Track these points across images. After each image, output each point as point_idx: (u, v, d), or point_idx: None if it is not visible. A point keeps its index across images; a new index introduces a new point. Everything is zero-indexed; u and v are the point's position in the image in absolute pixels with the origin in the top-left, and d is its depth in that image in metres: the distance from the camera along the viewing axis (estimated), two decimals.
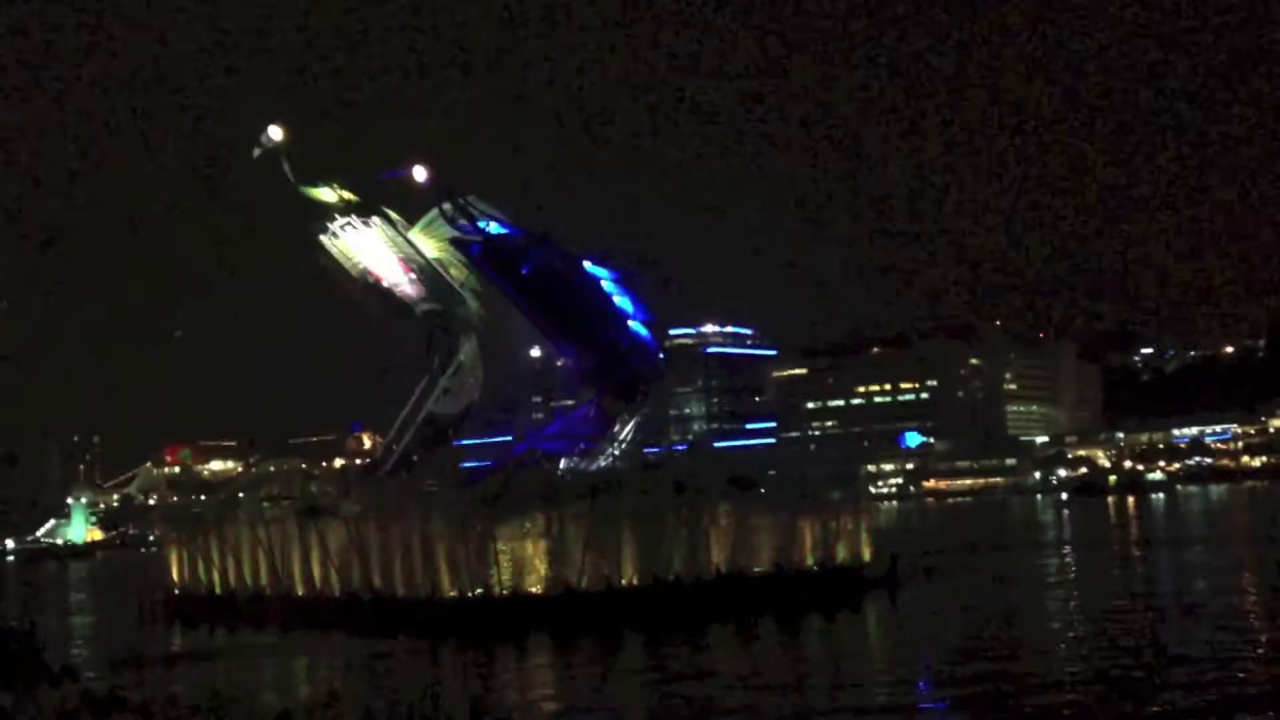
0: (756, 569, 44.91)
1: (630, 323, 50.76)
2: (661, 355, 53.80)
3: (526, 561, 41.87)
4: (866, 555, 47.97)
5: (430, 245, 51.47)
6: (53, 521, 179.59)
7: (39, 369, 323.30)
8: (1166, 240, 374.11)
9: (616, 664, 35.45)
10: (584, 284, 50.18)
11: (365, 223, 50.34)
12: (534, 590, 41.88)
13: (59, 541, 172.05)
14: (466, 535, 41.55)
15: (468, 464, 63.10)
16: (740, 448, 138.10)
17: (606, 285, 50.54)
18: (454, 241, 50.42)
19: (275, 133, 48.85)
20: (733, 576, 44.01)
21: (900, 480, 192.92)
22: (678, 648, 36.98)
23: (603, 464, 48.49)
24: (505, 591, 41.66)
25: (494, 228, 49.72)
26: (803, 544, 45.98)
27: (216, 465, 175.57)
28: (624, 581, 42.54)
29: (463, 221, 49.32)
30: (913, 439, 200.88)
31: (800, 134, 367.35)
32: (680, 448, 49.61)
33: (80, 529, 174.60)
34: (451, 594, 42.13)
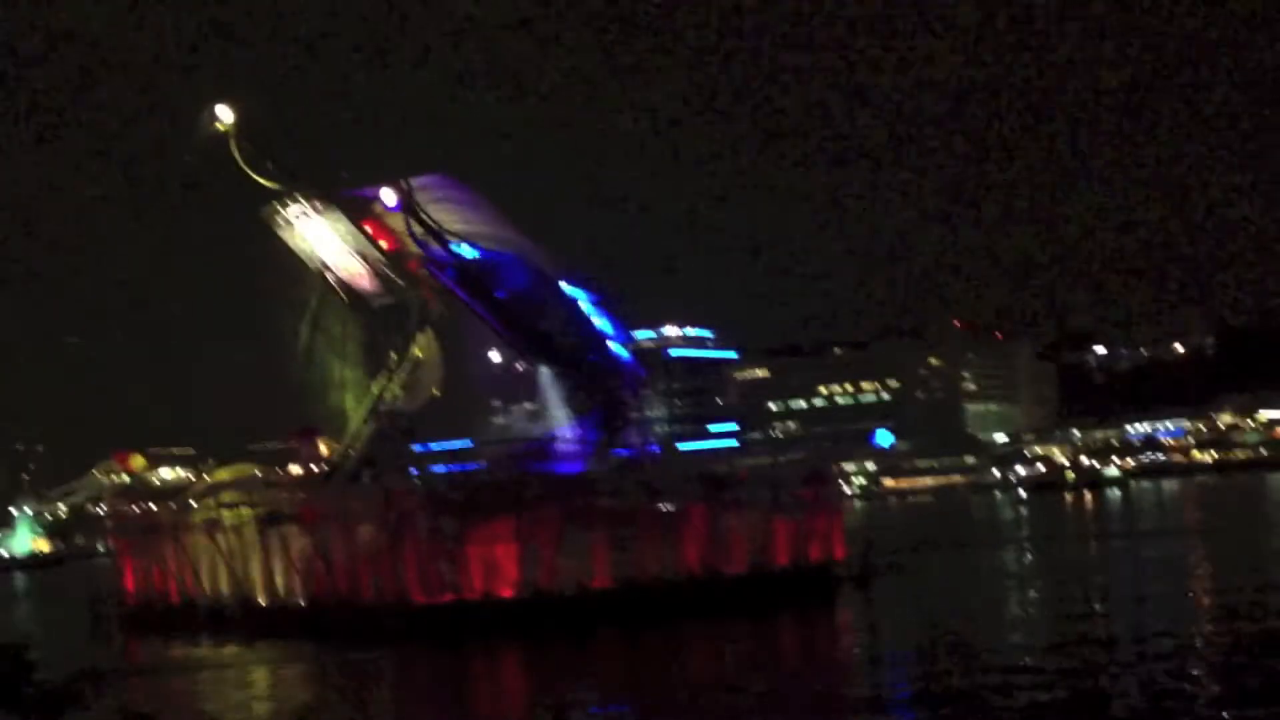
0: (730, 569, 44.34)
1: (609, 344, 49.74)
2: (642, 375, 52.80)
3: (497, 565, 40.94)
4: (839, 554, 47.60)
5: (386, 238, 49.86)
6: None
7: None
8: (1115, 240, 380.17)
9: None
10: (562, 306, 49.01)
11: (319, 211, 48.38)
12: (505, 594, 40.96)
13: (2, 553, 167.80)
14: (436, 540, 40.56)
15: (437, 468, 61.92)
16: (703, 450, 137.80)
17: (584, 307, 49.43)
18: (426, 262, 48.53)
19: (223, 113, 46.76)
20: (707, 577, 43.41)
21: (863, 480, 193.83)
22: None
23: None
24: (476, 596, 40.73)
25: (467, 250, 48.06)
26: (776, 543, 45.48)
27: (167, 473, 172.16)
28: (596, 584, 41.78)
29: (434, 246, 47.58)
30: (884, 438, 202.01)
31: (756, 132, 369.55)
32: (653, 448, 48.76)
33: (25, 540, 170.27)
34: (421, 600, 41.12)
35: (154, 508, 57.49)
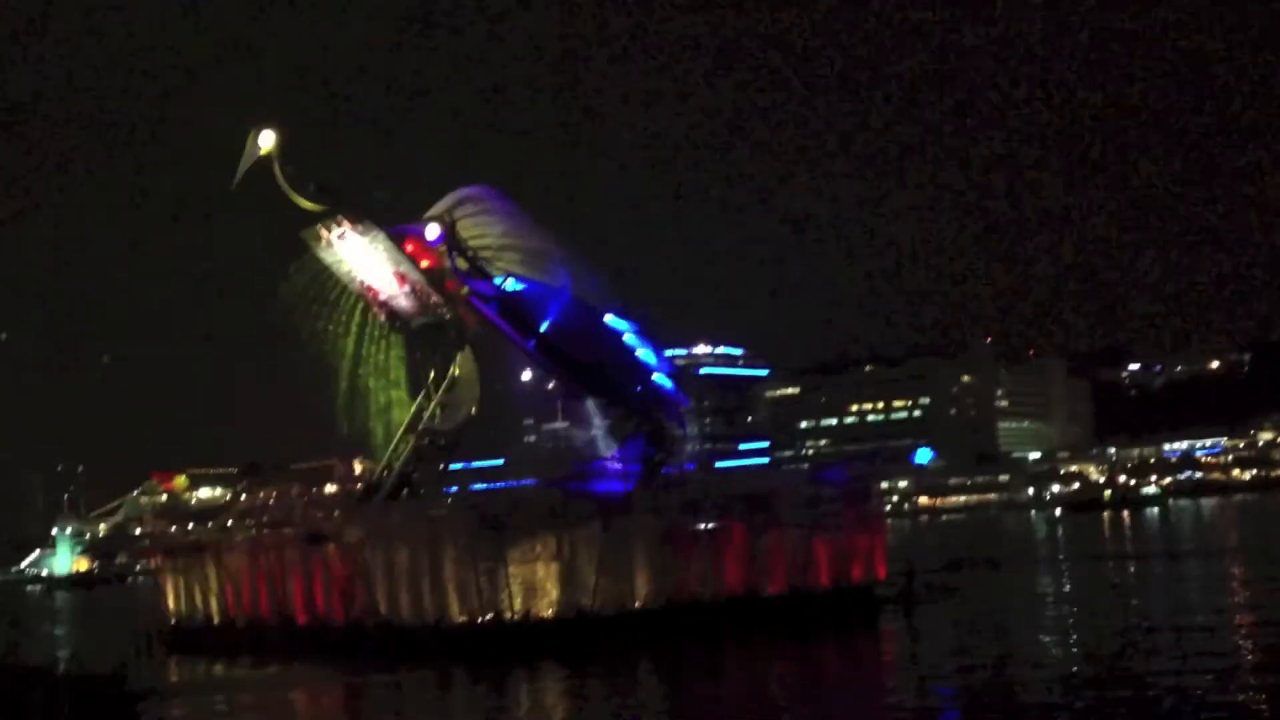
0: (771, 590, 44.04)
1: (654, 375, 49.73)
2: (685, 405, 52.73)
3: (538, 585, 40.84)
4: (881, 574, 47.16)
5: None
6: (37, 552, 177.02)
7: (21, 396, 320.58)
8: (1152, 256, 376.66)
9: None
10: (606, 338, 49.04)
11: (359, 231, 48.62)
12: (546, 614, 40.84)
13: (44, 573, 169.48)
14: (476, 559, 40.53)
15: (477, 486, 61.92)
16: (734, 468, 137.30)
17: (628, 339, 49.45)
18: (471, 297, 48.67)
19: (266, 138, 47.11)
20: (747, 597, 43.14)
21: (895, 498, 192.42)
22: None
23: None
24: (516, 616, 40.62)
25: (511, 284, 48.24)
26: (817, 563, 45.13)
27: (205, 493, 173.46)
28: (637, 604, 41.60)
29: (477, 279, 47.80)
30: (923, 455, 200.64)
31: (787, 151, 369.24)
32: (690, 467, 48.55)
33: (66, 560, 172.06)
34: (461, 619, 41.06)
35: (189, 528, 57.86)
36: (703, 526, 43.44)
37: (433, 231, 46.98)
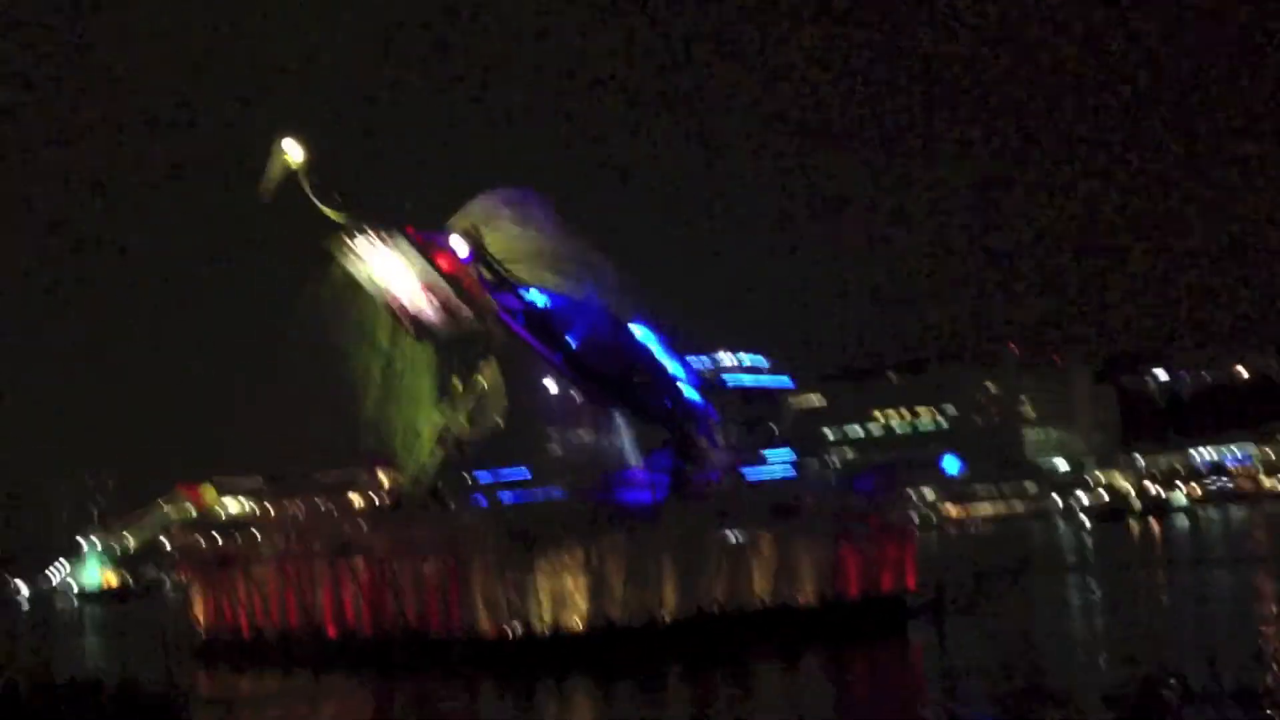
0: (800, 599, 43.85)
1: (682, 388, 49.71)
2: (715, 418, 52.66)
3: (566, 596, 40.81)
4: (911, 584, 46.88)
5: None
6: (65, 564, 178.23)
7: (48, 406, 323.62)
8: (1179, 261, 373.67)
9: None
10: (633, 351, 49.05)
11: (385, 241, 48.70)
12: (574, 626, 40.79)
13: (72, 584, 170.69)
14: (504, 570, 40.55)
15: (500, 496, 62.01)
16: (760, 478, 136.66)
17: (656, 352, 49.45)
18: (499, 310, 48.65)
19: (292, 148, 47.26)
20: (776, 608, 42.98)
21: (920, 507, 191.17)
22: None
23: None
24: (544, 627, 40.59)
25: (538, 297, 48.31)
26: (846, 573, 44.92)
27: (232, 505, 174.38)
28: (666, 615, 41.49)
29: (505, 293, 47.90)
30: (951, 464, 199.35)
31: (806, 158, 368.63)
32: (715, 476, 48.49)
33: (94, 572, 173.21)
34: (489, 631, 41.08)
35: (219, 539, 58.11)
36: (731, 536, 43.31)
37: (460, 245, 47.03)
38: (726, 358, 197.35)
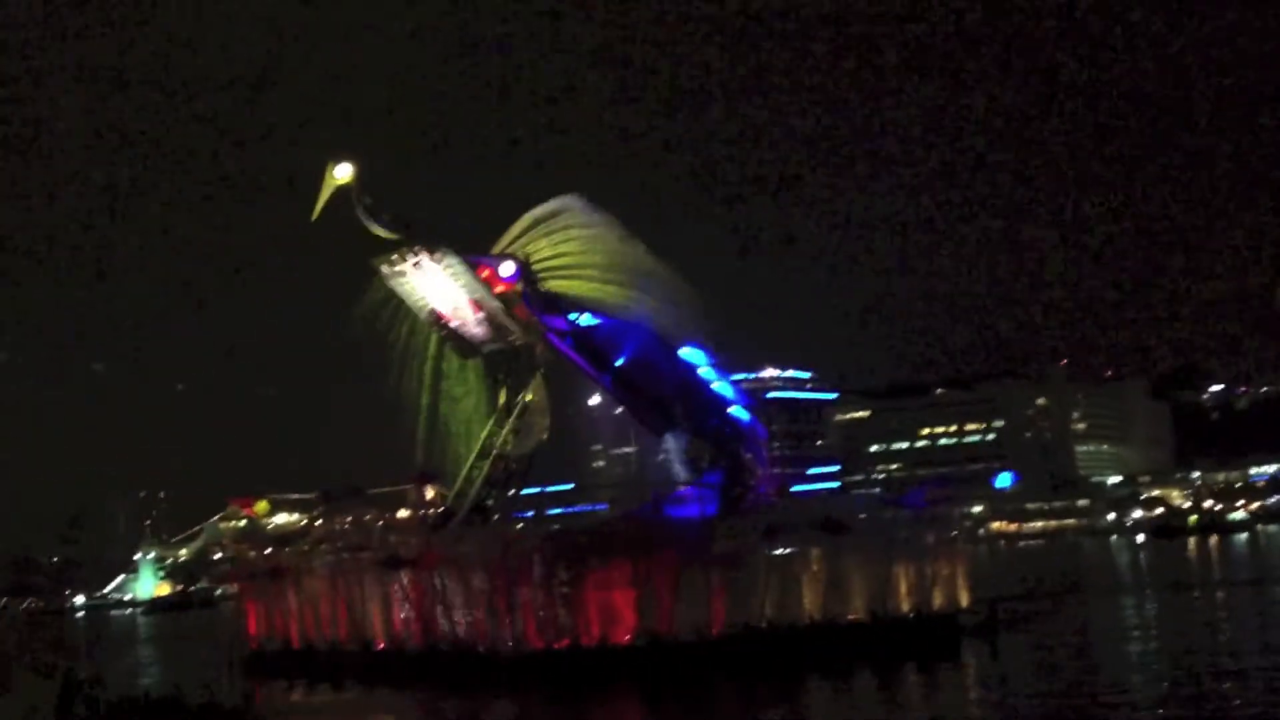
0: (850, 616, 43.39)
1: (730, 408, 49.55)
2: (763, 437, 52.45)
3: (615, 611, 40.70)
4: (964, 602, 46.19)
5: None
6: (121, 577, 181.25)
7: (105, 426, 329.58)
8: (1233, 275, 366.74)
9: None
10: (681, 371, 48.99)
11: (435, 259, 49.00)
12: (623, 640, 40.66)
13: (127, 598, 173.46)
14: (553, 584, 40.54)
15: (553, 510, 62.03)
16: (804, 493, 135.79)
17: (704, 372, 49.38)
18: (545, 331, 48.91)
19: (343, 170, 47.75)
20: (826, 624, 42.55)
21: (969, 523, 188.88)
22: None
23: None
24: (593, 642, 40.51)
25: (585, 319, 48.44)
26: (897, 590, 44.38)
27: (282, 518, 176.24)
28: (714, 631, 41.23)
29: (554, 315, 48.10)
30: (1004, 479, 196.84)
31: (856, 171, 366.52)
32: (763, 489, 48.19)
33: (149, 584, 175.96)
34: (538, 645, 41.07)
35: (269, 553, 58.68)
36: (781, 552, 42.99)
37: (508, 268, 47.28)
38: (771, 373, 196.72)
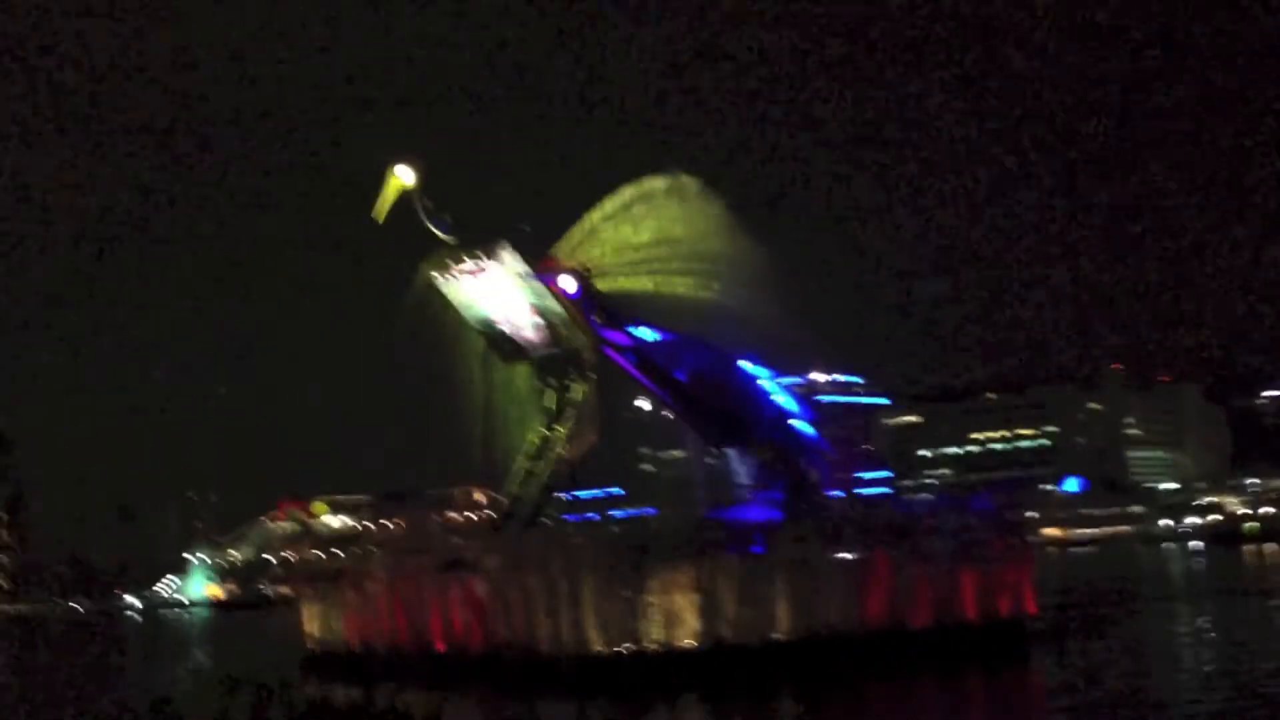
0: (916, 622, 42.72)
1: (792, 421, 49.03)
2: (827, 449, 51.86)
3: (677, 615, 40.34)
4: (1031, 608, 45.34)
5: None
6: (172, 578, 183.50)
7: (156, 425, 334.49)
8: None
9: None
10: (742, 385, 48.58)
11: (495, 261, 48.81)
12: (685, 644, 40.29)
13: (179, 598, 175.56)
14: (616, 588, 40.25)
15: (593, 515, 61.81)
16: (864, 498, 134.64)
17: (765, 384, 48.91)
18: (605, 345, 48.72)
19: (405, 173, 47.74)
20: (891, 630, 41.92)
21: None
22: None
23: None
24: (655, 646, 40.16)
25: (647, 333, 48.15)
26: (964, 596, 43.64)
27: (333, 520, 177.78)
28: (778, 636, 40.75)
29: (615, 330, 47.86)
30: (1072, 484, 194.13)
31: (902, 178, 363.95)
32: (835, 493, 47.69)
33: (199, 585, 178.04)
34: (600, 649, 40.80)
35: (322, 555, 58.91)
36: (846, 556, 42.43)
37: (569, 284, 47.06)
38: (821, 376, 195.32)
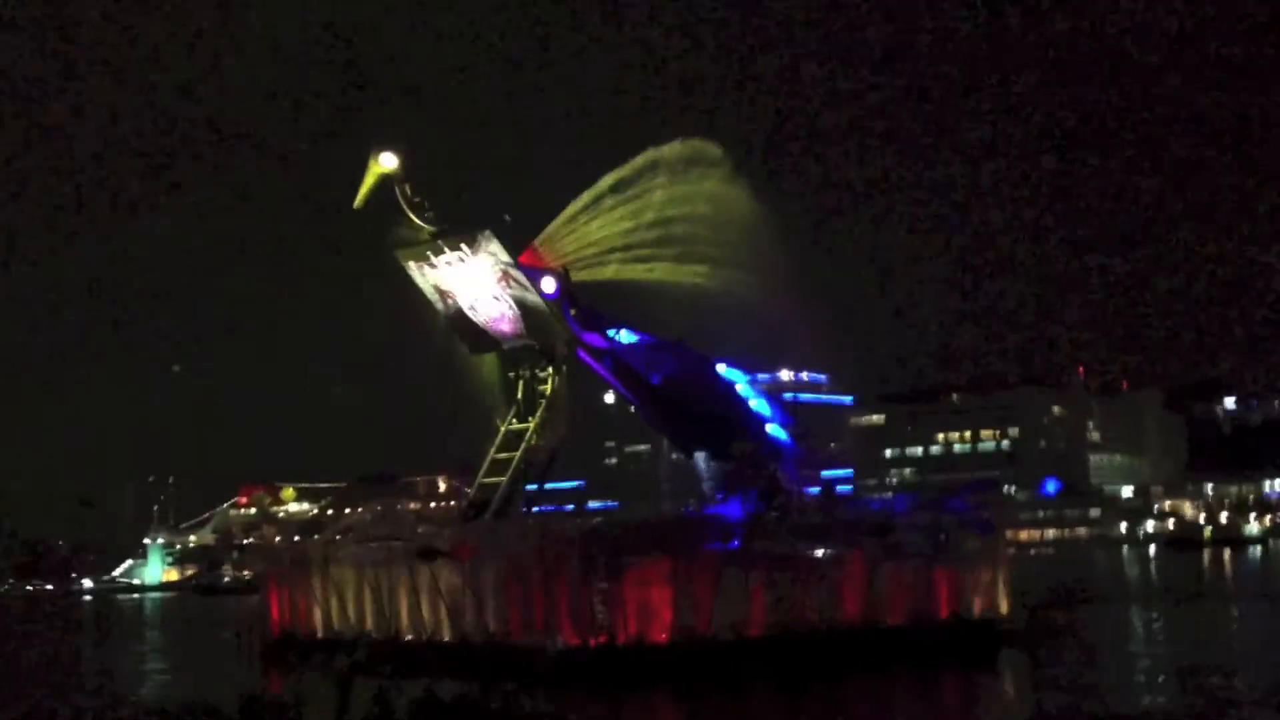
0: (890, 620, 42.77)
1: (768, 426, 48.87)
2: (801, 455, 51.80)
3: (652, 608, 40.09)
4: (1004, 608, 45.54)
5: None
6: (129, 562, 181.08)
7: (113, 409, 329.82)
8: (1248, 289, 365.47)
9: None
10: (717, 389, 48.36)
11: (477, 252, 48.27)
12: (659, 639, 40.05)
13: (135, 582, 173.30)
14: (591, 580, 39.91)
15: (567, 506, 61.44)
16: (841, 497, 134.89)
17: (741, 389, 48.70)
18: (580, 349, 48.43)
19: (387, 159, 47.09)
20: (866, 627, 41.94)
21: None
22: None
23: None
24: (629, 640, 39.88)
25: (625, 336, 47.79)
26: (938, 595, 43.74)
27: (294, 507, 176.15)
28: (753, 631, 40.62)
29: (593, 332, 47.49)
30: (1051, 485, 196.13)
31: (869, 173, 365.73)
32: (812, 490, 47.71)
33: (157, 569, 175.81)
34: (573, 641, 40.45)
35: (295, 541, 58.09)
36: (821, 554, 42.37)
37: (549, 285, 46.73)
38: (787, 375, 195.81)
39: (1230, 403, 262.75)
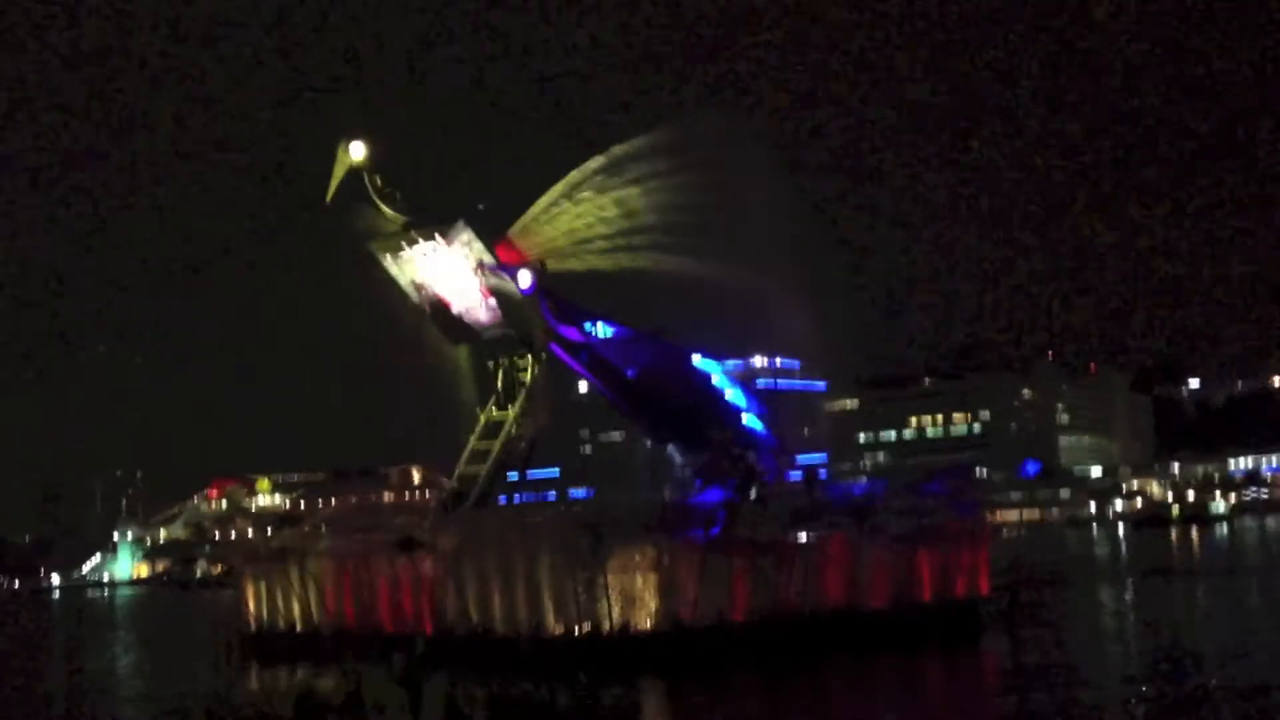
0: (873, 603, 42.82)
1: (743, 417, 48.72)
2: (776, 445, 51.72)
3: (636, 596, 39.91)
4: (984, 589, 45.74)
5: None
6: (98, 557, 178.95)
7: (81, 402, 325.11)
8: (1214, 270, 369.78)
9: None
10: (694, 381, 48.14)
11: (450, 242, 47.90)
12: (644, 626, 39.88)
13: (104, 577, 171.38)
14: (574, 568, 39.68)
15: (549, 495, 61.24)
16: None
17: (718, 380, 48.50)
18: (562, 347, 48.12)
19: (357, 149, 46.67)
20: (849, 611, 41.96)
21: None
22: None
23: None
24: (614, 628, 39.69)
25: (602, 329, 47.50)
26: (920, 577, 43.84)
27: (265, 500, 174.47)
28: (737, 617, 40.54)
29: (569, 326, 47.16)
30: (1032, 467, 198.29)
31: (838, 158, 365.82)
32: (794, 476, 47.69)
33: (126, 564, 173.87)
34: (557, 630, 40.22)
35: (270, 534, 57.46)
36: (804, 538, 42.33)
37: (525, 279, 46.43)
38: (760, 360, 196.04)
39: (1194, 384, 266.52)
